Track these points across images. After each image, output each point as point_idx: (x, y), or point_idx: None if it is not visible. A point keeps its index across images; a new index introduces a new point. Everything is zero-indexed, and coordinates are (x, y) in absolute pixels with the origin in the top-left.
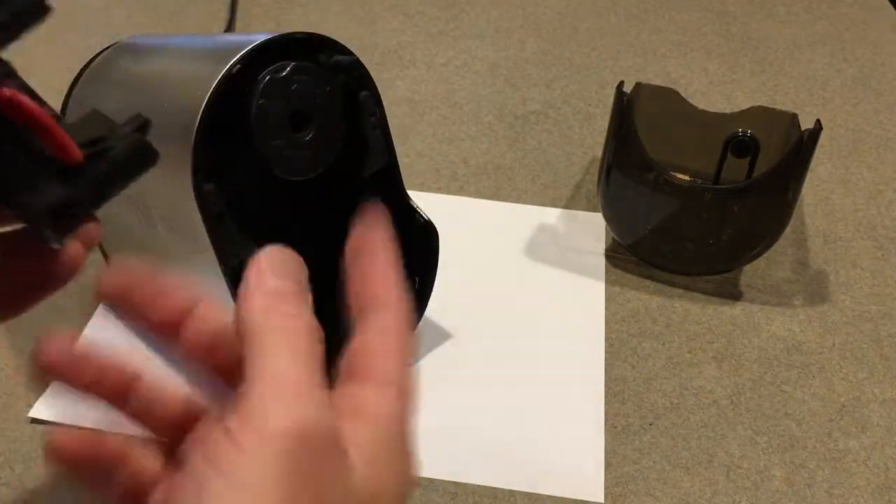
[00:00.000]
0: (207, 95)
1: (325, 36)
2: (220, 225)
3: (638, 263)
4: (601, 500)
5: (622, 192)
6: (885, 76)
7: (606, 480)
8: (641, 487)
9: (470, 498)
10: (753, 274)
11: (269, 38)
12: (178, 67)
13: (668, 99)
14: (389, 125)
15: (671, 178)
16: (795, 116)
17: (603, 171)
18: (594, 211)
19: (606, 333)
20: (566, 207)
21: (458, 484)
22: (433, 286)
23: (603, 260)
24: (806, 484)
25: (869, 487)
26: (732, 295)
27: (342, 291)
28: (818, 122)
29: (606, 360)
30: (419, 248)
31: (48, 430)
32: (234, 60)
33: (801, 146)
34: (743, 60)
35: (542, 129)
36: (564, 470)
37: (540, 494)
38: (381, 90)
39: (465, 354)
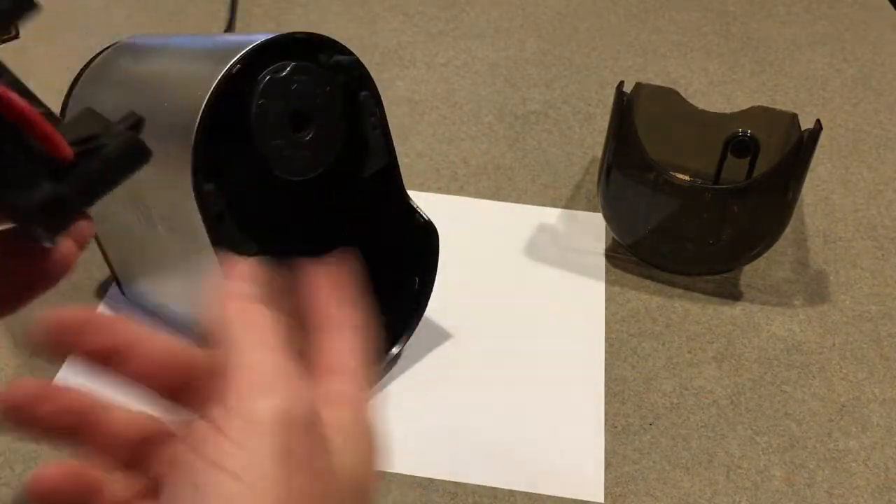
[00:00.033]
0: (207, 95)
1: (325, 36)
2: (220, 225)
3: (638, 263)
4: (601, 500)
5: (622, 192)
6: (885, 76)
7: (606, 480)
8: (641, 487)
9: (470, 498)
10: (753, 274)
11: (269, 38)
12: (178, 67)
13: (668, 99)
14: (389, 125)
15: (671, 178)
16: (795, 116)
17: (603, 171)
18: (594, 211)
19: (606, 333)
20: (566, 207)
21: (458, 484)
22: (433, 286)
23: (603, 260)
24: (806, 484)
25: (869, 487)
26: (732, 295)
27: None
28: (818, 122)
29: (606, 360)
30: (419, 248)
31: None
32: (234, 60)
33: (801, 146)
34: (743, 60)
35: (542, 129)
36: (564, 470)
37: (540, 494)
38: (381, 90)
39: (465, 354)
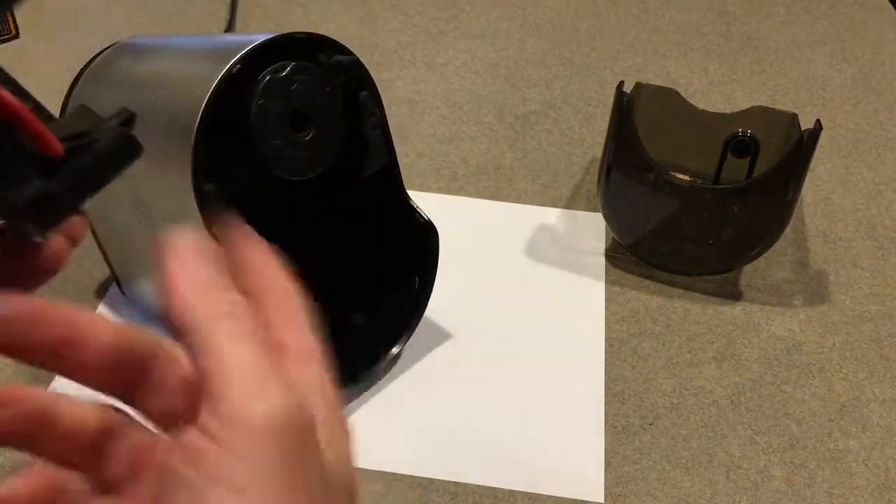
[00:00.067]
0: (207, 95)
1: (325, 36)
2: None
3: (638, 263)
4: (601, 500)
5: (622, 192)
6: (885, 76)
7: (606, 480)
8: (641, 487)
9: (470, 498)
10: (753, 274)
11: (269, 38)
12: (178, 67)
13: (668, 99)
14: (389, 125)
15: (671, 178)
16: (795, 116)
17: (603, 171)
18: (594, 211)
19: (606, 333)
20: (566, 207)
21: (458, 484)
22: (433, 286)
23: (603, 260)
24: (806, 484)
25: (869, 487)
26: (732, 295)
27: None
28: (818, 122)
29: (606, 360)
30: (419, 248)
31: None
32: (234, 60)
33: (801, 146)
34: (743, 60)
35: (542, 129)
36: (564, 470)
37: (540, 494)
38: (381, 90)
39: (465, 354)
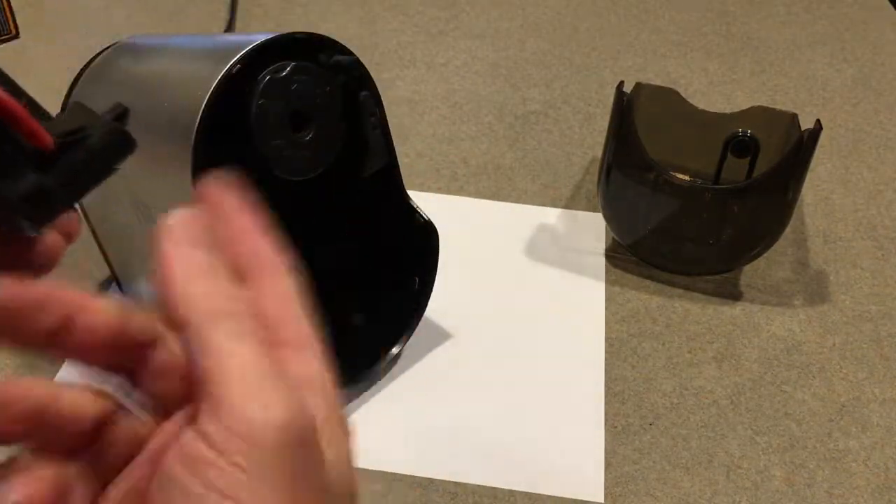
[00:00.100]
0: (207, 95)
1: (325, 36)
2: None
3: (638, 263)
4: (601, 500)
5: (622, 192)
6: (885, 76)
7: (606, 480)
8: (641, 487)
9: (470, 498)
10: (753, 274)
11: (269, 38)
12: (178, 67)
13: (668, 99)
14: (389, 125)
15: (671, 178)
16: (795, 116)
17: (603, 171)
18: (594, 211)
19: (606, 333)
20: (566, 207)
21: (458, 484)
22: (433, 286)
23: (603, 260)
24: (806, 484)
25: (869, 487)
26: (732, 295)
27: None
28: (818, 122)
29: (606, 360)
30: (419, 248)
31: None
32: (234, 60)
33: (801, 146)
34: (743, 60)
35: (542, 129)
36: (564, 470)
37: (540, 494)
38: (381, 90)
39: (465, 354)
